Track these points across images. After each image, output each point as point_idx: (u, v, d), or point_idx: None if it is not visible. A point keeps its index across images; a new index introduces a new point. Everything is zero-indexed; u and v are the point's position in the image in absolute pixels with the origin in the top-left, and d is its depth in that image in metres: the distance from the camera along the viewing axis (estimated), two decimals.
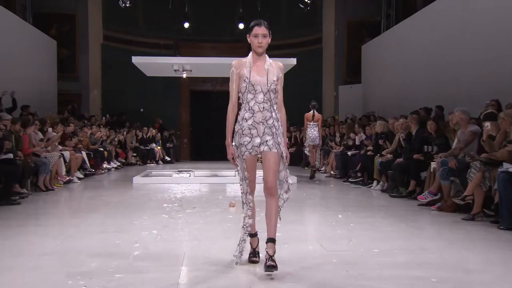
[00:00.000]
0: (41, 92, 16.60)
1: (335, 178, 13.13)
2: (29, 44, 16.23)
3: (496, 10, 10.92)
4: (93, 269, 4.45)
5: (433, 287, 4.04)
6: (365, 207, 8.38)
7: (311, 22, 20.99)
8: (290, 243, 5.53)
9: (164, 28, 21.18)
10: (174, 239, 5.77)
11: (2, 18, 14.54)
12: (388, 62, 16.92)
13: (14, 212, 7.85)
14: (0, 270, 4.53)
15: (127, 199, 9.23)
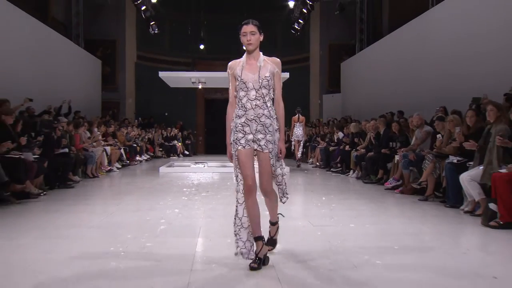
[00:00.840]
0: (89, 101, 16.69)
1: (319, 168, 13.13)
2: (81, 63, 16.37)
3: (443, 38, 11.18)
4: (129, 239, 4.48)
5: (396, 252, 4.07)
6: (344, 191, 8.38)
7: (300, 44, 20.96)
8: (284, 220, 5.49)
9: (184, 49, 21.15)
10: (192, 216, 5.78)
11: (62, 45, 14.76)
12: (362, 76, 16.97)
13: (68, 194, 7.89)
14: (58, 238, 4.59)
15: (155, 185, 9.25)
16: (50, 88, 12.87)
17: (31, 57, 12.13)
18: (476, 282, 3.31)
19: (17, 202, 6.67)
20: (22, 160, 7.02)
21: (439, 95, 10.58)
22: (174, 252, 4.05)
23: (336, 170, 11.69)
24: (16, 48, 11.25)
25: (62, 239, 4.56)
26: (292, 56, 21.02)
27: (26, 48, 11.86)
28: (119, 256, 3.89)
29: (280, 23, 21.17)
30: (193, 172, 11.95)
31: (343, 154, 11.48)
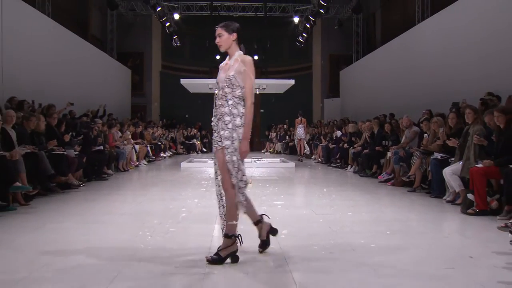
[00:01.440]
0: (120, 105, 16.83)
1: (321, 164, 13.11)
2: (114, 73, 16.56)
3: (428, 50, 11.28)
4: (155, 225, 4.52)
5: (387, 237, 4.08)
6: (342, 184, 8.37)
7: (304, 55, 20.92)
8: (290, 209, 5.57)
9: (202, 59, 21.16)
10: (209, 205, 5.76)
11: (99, 57, 15.04)
12: (358, 83, 16.95)
13: (103, 185, 7.97)
14: (95, 223, 4.65)
15: (177, 178, 9.29)
16: (88, 94, 13.02)
17: (74, 68, 12.35)
18: (456, 261, 3.33)
19: (61, 192, 6.78)
20: (65, 156, 7.13)
21: (425, 100, 10.61)
22: (194, 236, 4.09)
23: (335, 165, 11.68)
24: (61, 61, 11.50)
25: (98, 224, 4.63)
26: (297, 65, 21.05)
27: (69, 60, 12.11)
28: (146, 239, 3.94)
29: (287, 37, 21.17)
30: (210, 167, 11.87)
31: (342, 151, 11.46)
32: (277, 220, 4.76)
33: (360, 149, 10.07)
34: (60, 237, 4.06)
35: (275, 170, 11.23)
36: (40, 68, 10.26)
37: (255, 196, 6.52)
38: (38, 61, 10.20)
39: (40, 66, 10.27)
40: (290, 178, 9.52)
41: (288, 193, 7.00)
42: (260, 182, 8.42)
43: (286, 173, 10.50)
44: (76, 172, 7.63)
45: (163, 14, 16.97)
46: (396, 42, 13.46)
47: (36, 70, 10.03)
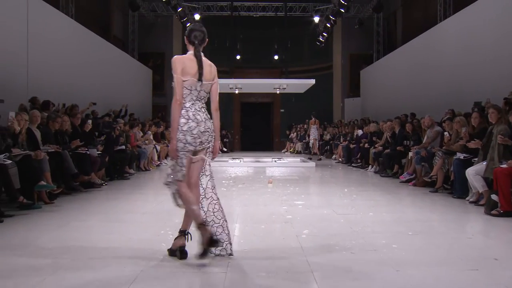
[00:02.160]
0: (142, 105, 16.99)
1: (342, 164, 13.03)
2: (135, 73, 16.72)
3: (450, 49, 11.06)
4: (176, 224, 4.47)
5: (409, 237, 4.04)
6: (363, 184, 8.32)
7: (324, 55, 20.81)
8: (310, 209, 5.56)
9: (223, 60, 21.21)
10: (230, 205, 5.78)
11: (120, 58, 15.16)
12: (379, 82, 16.76)
13: (125, 184, 8.07)
14: (118, 222, 4.73)
15: None
16: (110, 94, 13.20)
17: (96, 69, 12.51)
18: (479, 262, 3.27)
19: (84, 191, 6.89)
20: (88, 155, 7.24)
21: (447, 99, 10.45)
22: None
23: (356, 165, 11.61)
24: (84, 61, 11.65)
25: (121, 223, 4.70)
26: (317, 65, 20.95)
27: (93, 62, 12.27)
28: (168, 238, 3.96)
29: (307, 36, 21.09)
30: (230, 166, 12.03)
31: (362, 151, 11.38)
32: (298, 220, 4.79)
33: (381, 149, 9.98)
34: (83, 235, 4.12)
35: (295, 170, 11.21)
36: (63, 69, 10.43)
37: (275, 196, 6.56)
38: (62, 62, 10.37)
39: (63, 67, 10.44)
40: (311, 178, 9.49)
41: (309, 192, 6.99)
42: (280, 182, 8.41)
43: (306, 173, 10.48)
44: (98, 171, 7.74)
45: (184, 15, 17.08)
46: (417, 41, 13.28)
47: (60, 71, 10.20)
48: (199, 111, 3.25)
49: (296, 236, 4.03)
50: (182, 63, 3.24)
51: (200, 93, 3.29)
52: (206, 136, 3.28)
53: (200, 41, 3.33)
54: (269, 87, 13.73)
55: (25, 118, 6.02)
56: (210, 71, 3.33)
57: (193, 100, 3.26)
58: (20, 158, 5.47)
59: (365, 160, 11.20)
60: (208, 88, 3.35)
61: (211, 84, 3.35)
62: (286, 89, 13.46)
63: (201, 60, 3.27)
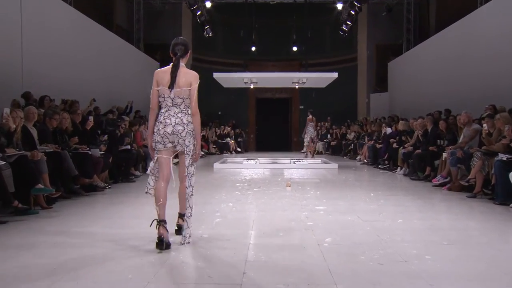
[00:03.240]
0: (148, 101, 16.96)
1: (367, 165, 12.96)
2: (141, 66, 16.76)
3: (491, 36, 10.86)
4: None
5: (444, 248, 3.97)
6: (391, 187, 8.26)
7: (348, 45, 20.72)
8: (333, 215, 5.53)
9: (236, 51, 21.32)
10: (245, 210, 5.83)
11: (125, 49, 15.30)
12: (408, 75, 16.63)
13: (131, 187, 8.12)
14: (123, 228, 4.76)
15: (209, 180, 9.36)
16: (113, 89, 13.32)
17: (98, 61, 12.62)
18: None
19: (86, 194, 6.94)
20: (90, 155, 7.31)
21: (487, 93, 10.28)
22: (229, 243, 4.10)
23: (383, 167, 11.54)
24: (84, 53, 11.74)
25: (126, 229, 4.72)
26: (340, 57, 20.86)
27: (94, 53, 12.38)
28: (178, 246, 3.98)
29: (329, 25, 20.99)
30: (245, 168, 12.05)
31: (390, 151, 11.30)
32: (320, 227, 4.77)
33: (411, 149, 9.90)
34: (85, 242, 4.15)
35: (316, 172, 11.19)
36: (61, 61, 10.48)
37: (294, 200, 6.55)
38: (59, 53, 10.42)
39: (61, 59, 10.49)
40: (333, 180, 9.44)
41: (331, 197, 6.94)
42: (299, 185, 8.39)
43: (328, 175, 10.44)
44: (101, 173, 7.81)
45: (194, 2, 17.14)
46: (453, 29, 13.11)
47: (57, 64, 10.26)
48: (172, 116, 4.01)
49: (317, 245, 4.01)
50: (157, 76, 4.09)
51: (174, 99, 4.00)
52: (177, 138, 4.02)
53: (182, 53, 4.11)
54: (287, 81, 13.72)
55: (20, 115, 6.01)
56: (184, 78, 4.01)
57: (167, 106, 4.03)
58: (15, 158, 5.47)
59: (393, 161, 11.11)
60: (184, 94, 4.00)
61: (188, 90, 4.00)
62: (305, 84, 13.43)
63: (176, 70, 4.01)
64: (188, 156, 4.10)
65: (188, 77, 4.03)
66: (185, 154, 4.10)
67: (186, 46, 4.16)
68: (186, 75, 4.05)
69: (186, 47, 4.15)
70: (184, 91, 4.00)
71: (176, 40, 4.21)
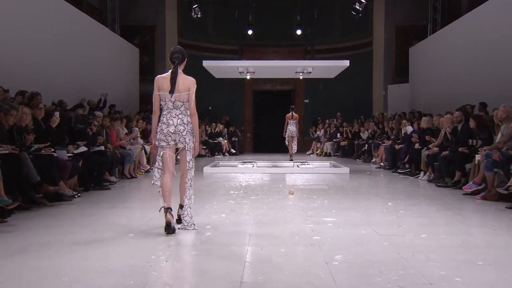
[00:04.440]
0: (126, 93, 17.14)
1: (384, 169, 12.97)
2: (117, 52, 16.79)
3: None
4: (172, 247, 4.54)
5: (479, 269, 3.95)
6: (413, 196, 8.23)
7: (362, 27, 20.75)
8: (344, 227, 5.51)
9: (230, 35, 21.33)
10: (241, 222, 5.81)
11: (96, 32, 15.16)
12: (434, 63, 16.63)
13: (105, 196, 8.09)
14: (95, 245, 4.70)
15: (198, 186, 9.26)
16: (83, 79, 13.28)
17: (64, 45, 12.51)
18: None
19: (50, 205, 6.88)
20: (55, 158, 7.25)
21: None
22: (222, 261, 4.08)
23: (403, 172, 11.55)
24: (47, 36, 11.65)
25: (99, 246, 4.67)
26: (352, 41, 20.91)
27: (59, 35, 12.25)
28: (161, 265, 3.95)
29: (339, 4, 21.04)
30: (240, 172, 12.05)
31: (412, 153, 11.30)
32: (328, 242, 4.76)
33: (437, 150, 9.90)
34: (48, 263, 4.09)
35: (324, 177, 11.21)
36: (18, 44, 10.32)
37: (298, 210, 6.56)
38: (15, 35, 10.23)
39: (18, 42, 10.33)
40: (344, 187, 9.44)
41: (342, 207, 6.93)
42: (304, 193, 8.38)
43: (338, 181, 10.45)
44: (69, 179, 7.77)
45: None
46: (488, 7, 13.05)
47: (13, 47, 10.10)
48: (174, 117, 5.25)
49: (325, 263, 4.00)
50: (157, 82, 5.29)
51: (175, 103, 5.24)
52: (178, 137, 5.28)
53: (180, 61, 5.30)
54: (290, 70, 13.71)
55: None
56: (183, 83, 5.25)
57: (169, 109, 5.26)
58: None
59: (416, 165, 11.12)
60: (184, 97, 5.24)
61: (187, 94, 5.25)
62: (311, 74, 13.43)
63: (175, 77, 5.20)
64: (189, 152, 5.36)
65: (186, 82, 5.25)
66: (186, 151, 5.35)
67: (183, 54, 5.35)
68: (185, 80, 5.26)
69: (183, 55, 5.33)
70: (183, 95, 5.21)
71: (174, 49, 5.41)
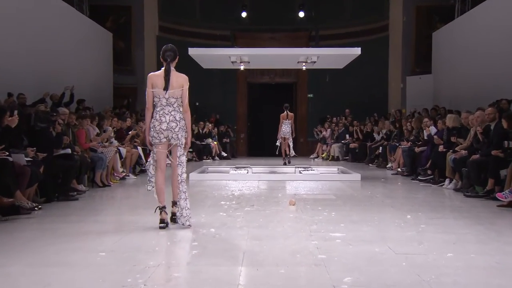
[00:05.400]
0: (97, 86, 16.97)
1: (402, 176, 12.97)
2: (85, 36, 16.62)
3: None
4: (151, 268, 4.51)
5: None
6: (437, 207, 8.22)
7: (376, 9, 20.80)
8: (355, 244, 5.49)
9: (220, 18, 21.32)
10: (233, 238, 5.80)
11: (60, 11, 14.96)
12: (463, 49, 16.57)
13: (72, 208, 8.04)
14: (58, 266, 4.66)
15: None
16: (45, 69, 13.21)
17: (21, 29, 12.40)
18: None
19: (4, 219, 6.84)
20: (11, 163, 7.20)
21: None
22: (210, 285, 4.07)
23: (425, 179, 11.55)
24: (1, 18, 11.57)
25: (63, 267, 4.64)
26: (364, 25, 20.97)
27: (13, 17, 12.09)
28: None
29: None
30: (233, 179, 12.05)
31: (435, 156, 11.28)
32: (336, 261, 4.76)
33: (465, 153, 9.91)
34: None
35: (331, 185, 11.23)
36: None
37: (301, 224, 6.60)
38: None
39: None
40: (354, 197, 9.45)
41: (352, 220, 6.93)
42: (308, 204, 8.37)
43: (347, 189, 10.47)
44: (28, 188, 7.72)
45: None
46: None
47: None
48: (166, 114, 6.24)
49: (332, 287, 3.98)
50: (151, 79, 6.28)
51: (168, 99, 6.25)
52: (171, 133, 6.25)
53: (172, 59, 6.33)
54: (291, 60, 13.69)
55: None
56: (176, 80, 6.29)
57: (162, 106, 6.25)
58: None
59: (440, 171, 11.12)
60: (177, 94, 6.31)
61: (180, 90, 6.33)
62: (316, 63, 13.41)
63: (169, 74, 6.22)
64: (181, 148, 6.33)
65: (180, 80, 6.32)
66: (177, 146, 6.31)
67: (175, 52, 6.39)
68: (178, 78, 6.31)
69: (175, 53, 6.38)
70: (177, 91, 6.26)
71: (166, 47, 6.41)
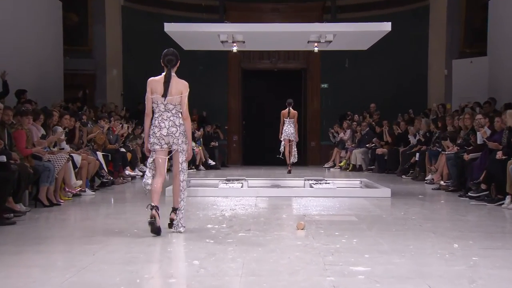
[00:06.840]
0: (42, 72, 16.78)
1: (446, 191, 12.97)
2: (26, 7, 16.51)
3: None
4: None
5: None
6: (494, 234, 8.18)
7: None
8: (383, 282, 5.49)
9: None
10: (223, 273, 5.77)
11: None
12: None
13: (8, 234, 8.00)
14: None
15: None
16: None
17: None
18: None
19: None
20: None
21: None
22: None
23: (477, 195, 11.51)
24: None
25: None
26: None
27: None
28: None
29: None
30: (223, 196, 12.05)
31: (491, 166, 11.27)
32: None
33: None
34: None
35: (351, 202, 11.26)
36: None
37: (311, 255, 6.61)
38: None
39: None
40: (383, 219, 9.45)
41: (380, 249, 6.93)
42: (321, 227, 8.40)
43: (373, 209, 10.50)
44: None
45: None
46: None
47: None
48: (165, 120, 7.66)
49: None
50: (151, 84, 7.73)
51: (166, 105, 7.64)
52: (172, 139, 7.69)
53: (173, 65, 7.75)
54: (300, 39, 13.72)
55: None
56: (176, 87, 7.68)
57: (160, 111, 7.69)
58: None
59: (498, 185, 11.11)
60: (176, 101, 7.68)
61: (179, 97, 7.69)
62: (332, 44, 13.43)
63: (169, 80, 7.62)
64: (182, 154, 7.77)
65: (179, 86, 7.70)
66: (179, 152, 7.75)
67: (177, 57, 7.79)
68: (177, 84, 7.71)
69: (176, 58, 7.77)
70: (175, 98, 7.65)
71: (167, 51, 7.83)
